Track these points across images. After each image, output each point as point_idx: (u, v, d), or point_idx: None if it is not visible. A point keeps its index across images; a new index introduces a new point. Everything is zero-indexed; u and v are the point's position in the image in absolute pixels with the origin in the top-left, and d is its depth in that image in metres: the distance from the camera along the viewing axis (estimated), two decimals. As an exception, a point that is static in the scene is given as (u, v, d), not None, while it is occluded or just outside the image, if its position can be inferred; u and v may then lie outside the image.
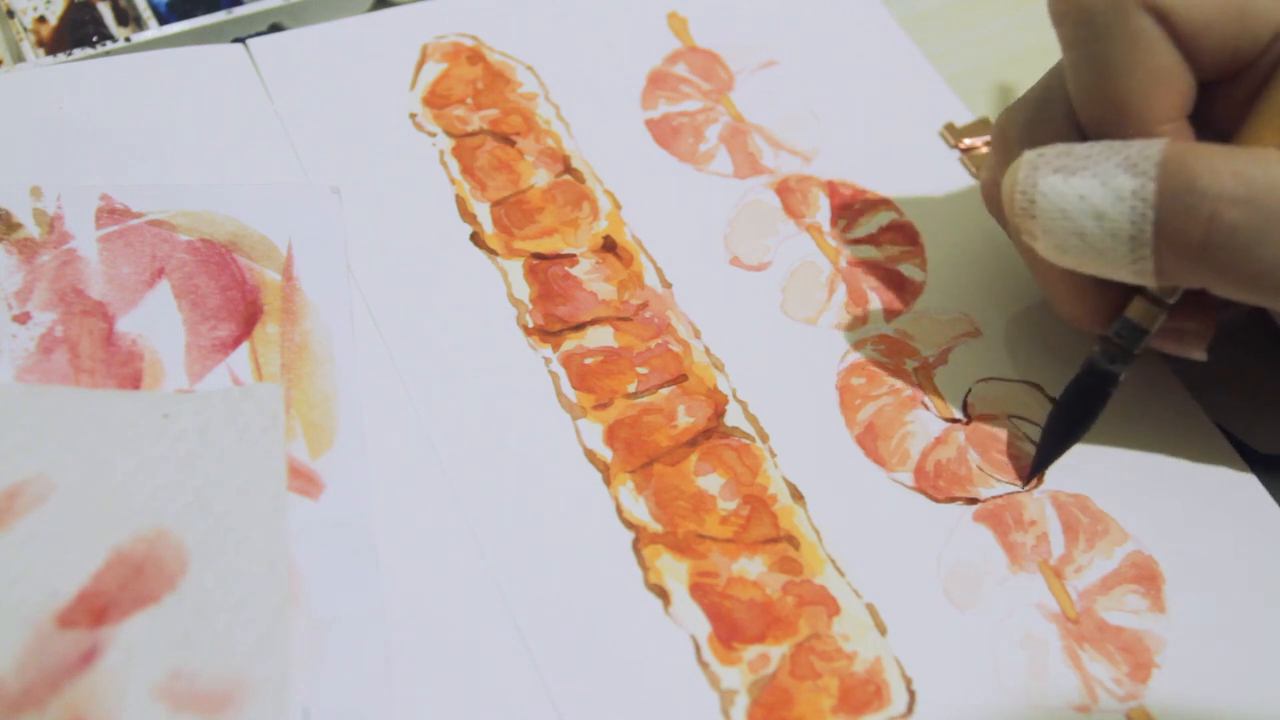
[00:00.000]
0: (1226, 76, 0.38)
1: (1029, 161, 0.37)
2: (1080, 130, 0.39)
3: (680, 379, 0.42)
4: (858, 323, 0.44)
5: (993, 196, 0.41)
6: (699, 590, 0.38)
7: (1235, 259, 0.35)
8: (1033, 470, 0.41)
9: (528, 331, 0.42)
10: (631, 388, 0.41)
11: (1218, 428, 0.42)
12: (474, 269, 0.44)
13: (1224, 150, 0.35)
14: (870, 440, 0.41)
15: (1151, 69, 0.37)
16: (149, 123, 0.45)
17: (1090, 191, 0.36)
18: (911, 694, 0.37)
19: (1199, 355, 0.39)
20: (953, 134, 0.49)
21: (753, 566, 0.38)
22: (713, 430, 0.41)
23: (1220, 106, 0.39)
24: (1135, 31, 0.37)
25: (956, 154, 0.48)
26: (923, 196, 0.47)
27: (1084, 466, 0.41)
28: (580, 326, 0.43)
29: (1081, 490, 0.41)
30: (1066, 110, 0.39)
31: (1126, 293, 0.39)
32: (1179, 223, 0.35)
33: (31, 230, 0.42)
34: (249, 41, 0.48)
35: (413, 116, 0.47)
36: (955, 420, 0.42)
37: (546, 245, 0.44)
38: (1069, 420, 0.40)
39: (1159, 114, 0.37)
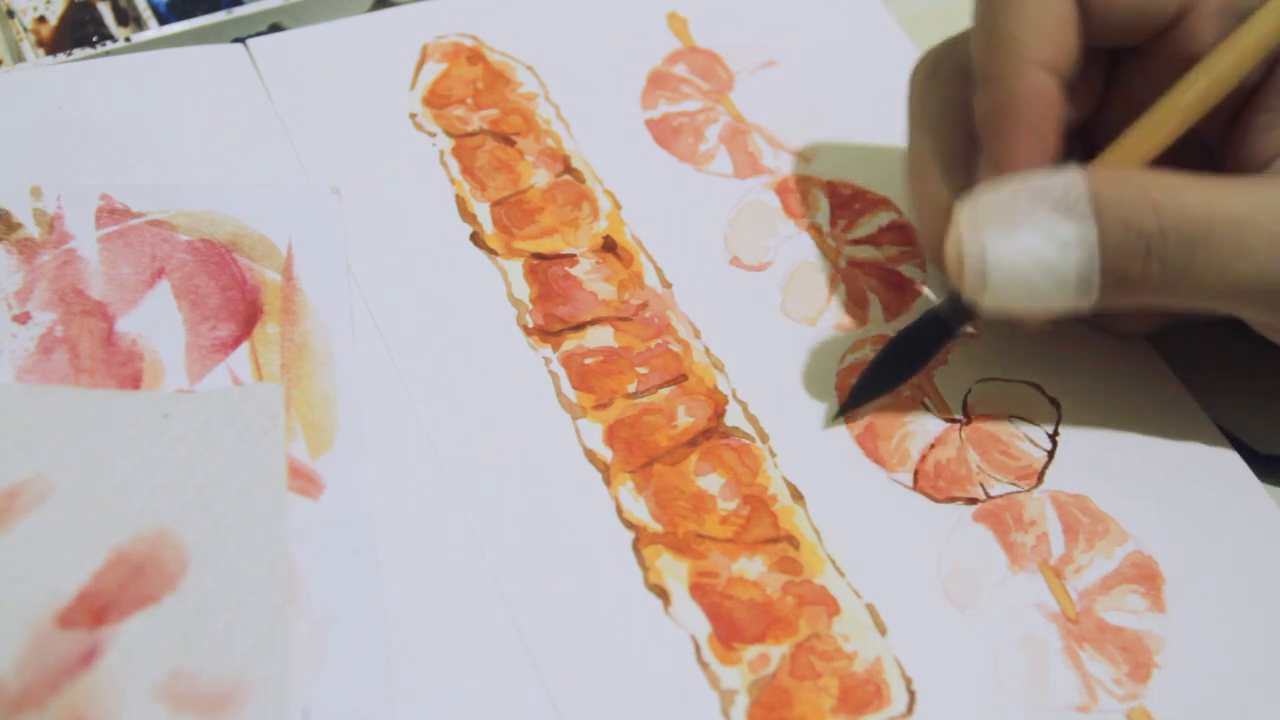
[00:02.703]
0: (1129, 43, 0.40)
1: (968, 220, 0.37)
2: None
3: (680, 379, 0.42)
4: (858, 323, 0.44)
5: (917, 152, 0.42)
6: (699, 590, 0.38)
7: (1168, 283, 0.36)
8: (844, 406, 0.41)
9: (528, 331, 0.42)
10: (631, 388, 0.42)
11: (1218, 428, 0.42)
12: (474, 269, 0.44)
13: (1140, 181, 0.36)
14: (870, 440, 0.41)
15: (1042, 13, 0.38)
16: (149, 123, 0.45)
17: (1035, 246, 0.36)
18: (911, 694, 0.37)
19: (1032, 331, 0.40)
20: (953, 134, 0.49)
21: (753, 566, 0.38)
22: (713, 430, 0.41)
23: (1124, 74, 0.40)
24: None
25: (956, 154, 0.48)
26: (923, 196, 0.47)
27: (1084, 466, 0.41)
28: (580, 326, 0.43)
29: (1081, 490, 0.41)
30: (967, 60, 0.40)
31: None
32: (1123, 263, 0.36)
33: (31, 230, 0.42)
34: (249, 41, 0.48)
35: (413, 116, 0.47)
36: (955, 420, 0.42)
37: (546, 245, 0.44)
38: (896, 364, 0.41)
39: (1037, 56, 0.38)
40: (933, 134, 0.41)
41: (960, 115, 0.40)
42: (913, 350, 0.41)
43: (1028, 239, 0.36)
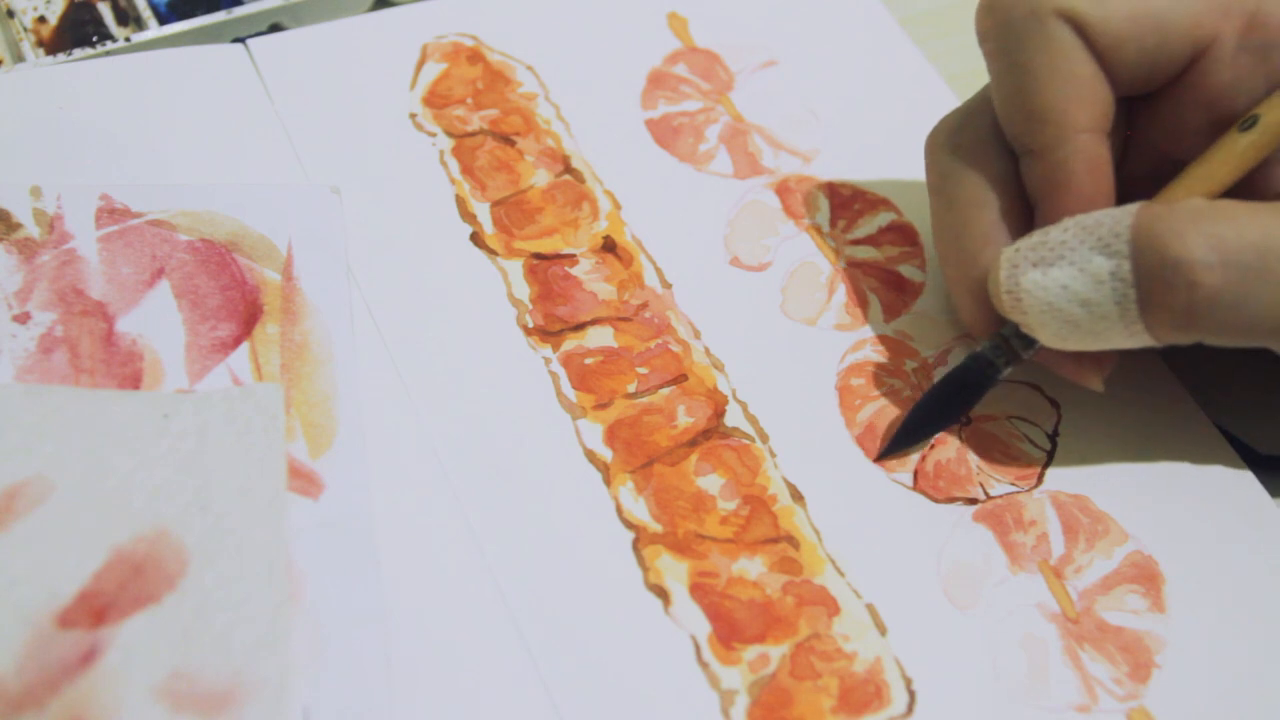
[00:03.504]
0: (1148, 90, 0.39)
1: (1008, 259, 0.38)
2: (1002, 143, 0.40)
3: (680, 379, 0.42)
4: (858, 323, 0.44)
5: (940, 224, 0.42)
6: (699, 590, 0.38)
7: (1224, 318, 0.35)
8: (886, 450, 0.41)
9: (528, 331, 0.42)
10: (631, 388, 0.42)
11: (1218, 428, 0.42)
12: (474, 269, 0.44)
13: (1190, 212, 0.35)
14: (870, 440, 0.41)
15: (1070, 77, 0.38)
16: (149, 123, 0.45)
17: (1070, 280, 0.37)
18: (911, 694, 0.37)
19: (1096, 385, 0.40)
20: (953, 134, 0.49)
21: (753, 566, 0.38)
22: (713, 430, 0.41)
23: (1143, 120, 0.40)
24: (1054, 40, 0.38)
25: (956, 154, 0.48)
26: (923, 196, 0.47)
27: (1084, 466, 0.41)
28: (580, 326, 0.43)
29: (1081, 490, 0.41)
30: (991, 123, 0.40)
31: None
32: (1161, 296, 0.35)
33: (31, 230, 0.42)
34: (249, 41, 0.48)
35: (413, 116, 0.47)
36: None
37: (546, 245, 0.44)
38: (940, 408, 0.41)
39: (1077, 122, 0.38)
40: (967, 213, 0.40)
41: (995, 188, 0.40)
42: (958, 393, 0.41)
43: (1062, 273, 0.37)
